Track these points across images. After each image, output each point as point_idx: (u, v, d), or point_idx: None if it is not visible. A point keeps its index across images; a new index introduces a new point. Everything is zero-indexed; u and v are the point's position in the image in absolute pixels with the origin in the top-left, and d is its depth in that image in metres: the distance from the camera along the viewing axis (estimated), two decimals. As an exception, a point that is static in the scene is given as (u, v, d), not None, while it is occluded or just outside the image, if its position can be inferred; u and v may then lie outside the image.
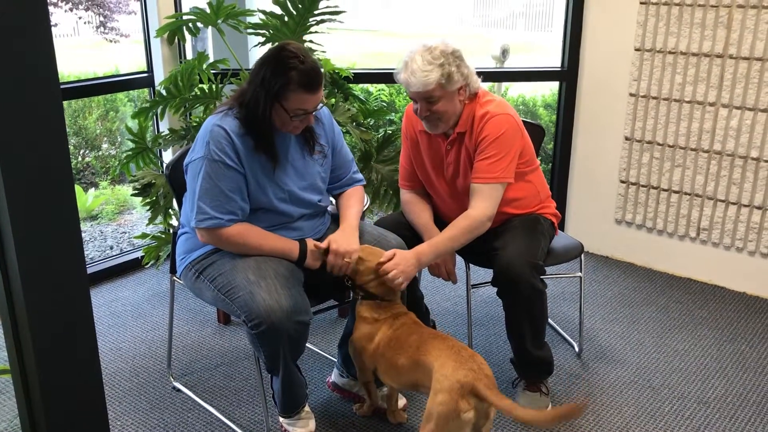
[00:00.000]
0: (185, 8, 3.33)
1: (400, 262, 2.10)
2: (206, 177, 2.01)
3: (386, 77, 3.87)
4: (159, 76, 3.32)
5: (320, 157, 2.23)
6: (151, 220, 3.03)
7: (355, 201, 2.30)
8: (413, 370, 2.01)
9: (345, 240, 2.12)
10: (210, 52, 3.76)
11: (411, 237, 2.40)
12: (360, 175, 2.40)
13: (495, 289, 2.28)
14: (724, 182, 3.20)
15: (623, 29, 3.33)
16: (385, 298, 2.14)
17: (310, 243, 2.14)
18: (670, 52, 3.22)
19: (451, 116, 2.28)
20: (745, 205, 3.16)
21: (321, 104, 2.10)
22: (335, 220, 2.34)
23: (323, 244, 2.12)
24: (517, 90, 5.53)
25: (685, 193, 3.33)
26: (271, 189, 2.10)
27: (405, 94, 4.86)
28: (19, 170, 1.09)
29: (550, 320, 2.96)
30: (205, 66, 3.03)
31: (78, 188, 4.65)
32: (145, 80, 3.39)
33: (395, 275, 2.08)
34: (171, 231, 3.12)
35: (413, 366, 2.01)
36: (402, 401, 2.37)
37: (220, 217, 2.02)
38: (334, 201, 2.40)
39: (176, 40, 3.28)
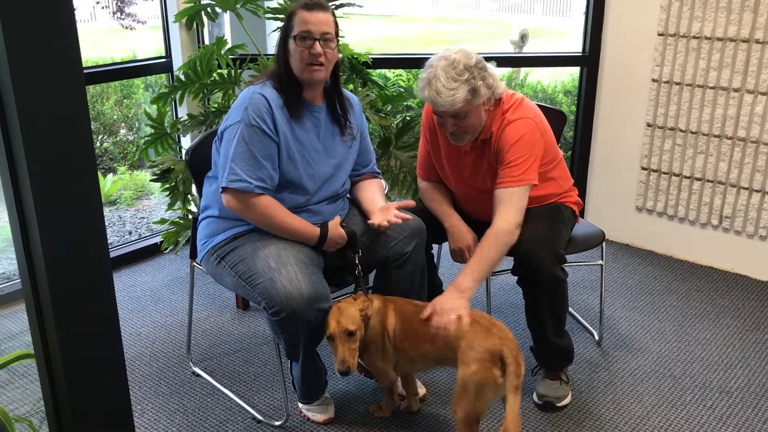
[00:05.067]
0: (203, -7, 3.32)
1: (435, 304, 2.00)
2: (241, 140, 2.02)
3: (404, 62, 3.85)
4: (177, 61, 3.31)
5: (349, 140, 2.25)
6: (171, 206, 3.03)
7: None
8: (436, 349, 2.04)
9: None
10: (228, 37, 3.75)
11: (430, 223, 2.38)
12: (378, 170, 2.43)
13: (514, 277, 2.26)
14: (747, 169, 3.14)
15: (646, 14, 3.28)
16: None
17: (334, 222, 2.16)
18: (694, 37, 3.16)
19: (477, 128, 2.22)
20: (770, 193, 3.11)
21: (328, 33, 2.05)
22: (354, 206, 2.35)
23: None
24: (535, 76, 5.46)
25: (708, 181, 3.28)
26: (302, 164, 2.12)
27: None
28: (43, 155, 1.09)
29: (570, 308, 2.94)
30: (223, 51, 3.02)
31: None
32: (164, 65, 3.39)
33: (437, 323, 1.96)
34: (190, 216, 3.12)
35: (435, 346, 2.03)
36: (422, 390, 2.37)
37: (249, 181, 2.02)
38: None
39: (194, 25, 3.27)
